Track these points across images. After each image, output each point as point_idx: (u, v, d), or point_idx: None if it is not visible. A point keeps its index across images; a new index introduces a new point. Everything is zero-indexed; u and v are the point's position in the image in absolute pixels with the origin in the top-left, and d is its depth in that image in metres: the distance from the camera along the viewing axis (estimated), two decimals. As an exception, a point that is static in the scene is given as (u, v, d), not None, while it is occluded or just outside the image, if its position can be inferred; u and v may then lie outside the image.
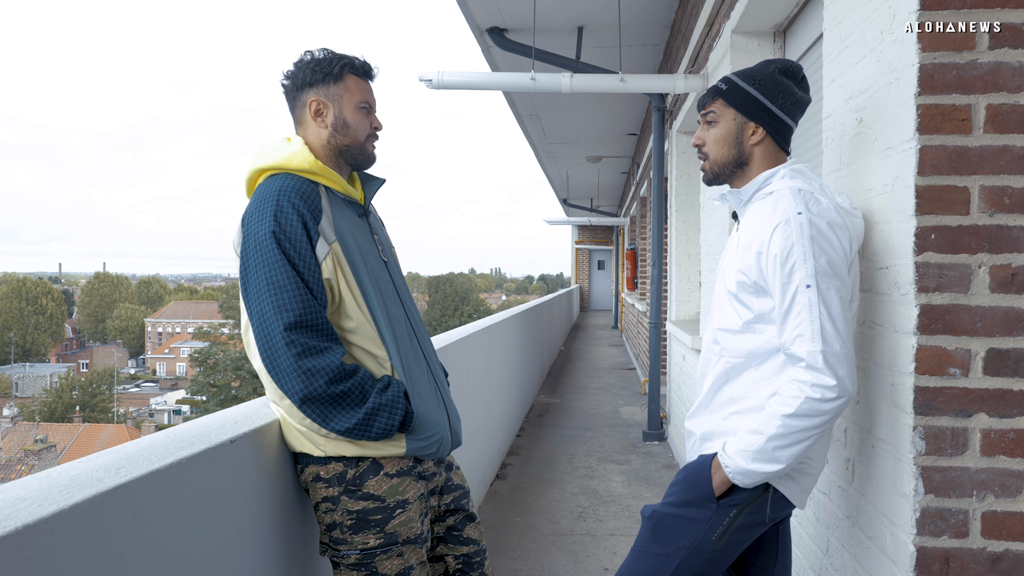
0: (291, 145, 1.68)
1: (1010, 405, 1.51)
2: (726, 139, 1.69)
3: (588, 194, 18.35)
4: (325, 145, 1.71)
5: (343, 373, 1.54)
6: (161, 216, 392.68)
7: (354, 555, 1.61)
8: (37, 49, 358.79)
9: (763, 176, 1.65)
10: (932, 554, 1.53)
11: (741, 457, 1.52)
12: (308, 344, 1.52)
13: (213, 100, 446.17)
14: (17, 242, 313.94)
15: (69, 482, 1.11)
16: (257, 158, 1.69)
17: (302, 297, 1.54)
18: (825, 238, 1.51)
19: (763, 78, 1.66)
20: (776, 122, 1.67)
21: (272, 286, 1.54)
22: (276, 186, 1.60)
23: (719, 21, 4.02)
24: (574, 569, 3.38)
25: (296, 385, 1.52)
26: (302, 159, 1.65)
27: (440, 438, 1.72)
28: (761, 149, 1.68)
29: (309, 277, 1.56)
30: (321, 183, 1.67)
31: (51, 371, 58.83)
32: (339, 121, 1.70)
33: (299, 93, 1.71)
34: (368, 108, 1.73)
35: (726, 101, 1.68)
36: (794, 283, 1.49)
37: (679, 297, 6.08)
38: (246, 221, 1.60)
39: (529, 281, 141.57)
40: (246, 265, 1.58)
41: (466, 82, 5.22)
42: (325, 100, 1.70)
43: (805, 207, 1.52)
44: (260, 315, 1.54)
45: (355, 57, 1.73)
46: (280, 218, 1.56)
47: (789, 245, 1.50)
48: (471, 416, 4.00)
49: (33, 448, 32.61)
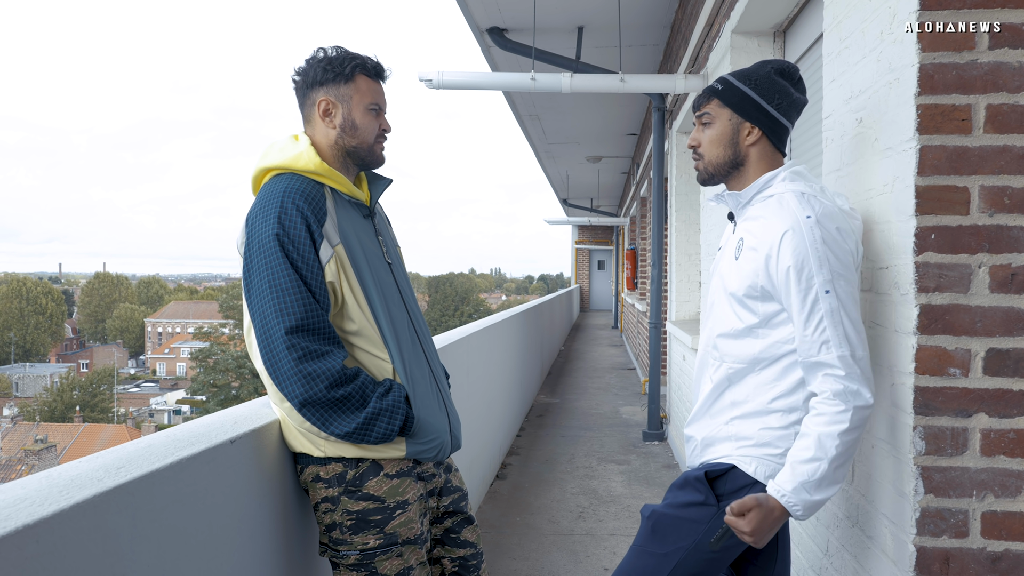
0: (297, 145, 1.67)
1: (1010, 405, 1.51)
2: (721, 139, 1.68)
3: (588, 194, 18.35)
4: (333, 145, 1.70)
5: (344, 377, 1.54)
6: (161, 216, 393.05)
7: (354, 555, 1.60)
8: (39, 51, 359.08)
9: (764, 179, 1.64)
10: (932, 554, 1.53)
11: (805, 490, 1.45)
12: (309, 348, 1.52)
13: (213, 102, 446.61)
14: (18, 242, 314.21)
15: (69, 482, 1.11)
16: (263, 157, 1.69)
17: (304, 300, 1.53)
18: (835, 241, 1.50)
19: (759, 78, 1.65)
20: (772, 123, 1.65)
21: (274, 289, 1.53)
22: (281, 187, 1.59)
23: (719, 21, 4.02)
24: (574, 569, 3.38)
25: (296, 389, 1.52)
26: (307, 160, 1.64)
27: (440, 442, 1.71)
28: (757, 150, 1.67)
29: (312, 280, 1.55)
30: (326, 184, 1.66)
31: (51, 371, 58.84)
32: (347, 122, 1.69)
33: (309, 91, 1.70)
34: (378, 110, 1.72)
35: (722, 101, 1.67)
36: (813, 290, 1.48)
37: (679, 297, 6.08)
38: (250, 222, 1.60)
39: (529, 281, 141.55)
40: (249, 267, 1.58)
41: (466, 82, 5.22)
42: (335, 100, 1.68)
43: (812, 210, 1.51)
44: (262, 317, 1.54)
45: (368, 57, 1.71)
46: (284, 220, 1.55)
47: (803, 252, 1.48)
48: (471, 416, 4.00)
49: (33, 448, 32.62)
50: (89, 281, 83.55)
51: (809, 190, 1.58)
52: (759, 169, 1.68)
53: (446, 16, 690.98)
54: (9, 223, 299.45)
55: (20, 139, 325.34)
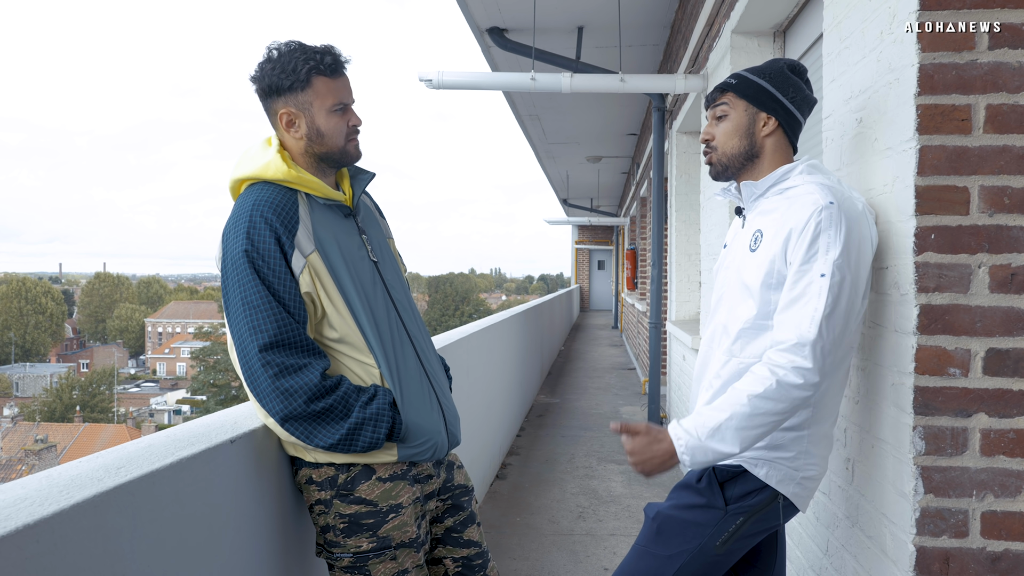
0: (267, 153, 1.62)
1: (1010, 405, 1.51)
2: (737, 131, 1.68)
3: (588, 194, 18.35)
4: (303, 153, 1.65)
5: (323, 390, 1.51)
6: (162, 216, 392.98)
7: (347, 558, 1.59)
8: (41, 54, 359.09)
9: (781, 171, 1.64)
10: (932, 554, 1.53)
11: (697, 431, 1.48)
12: (285, 363, 1.50)
13: (212, 104, 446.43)
14: (19, 242, 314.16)
15: (69, 482, 1.11)
16: (236, 167, 1.65)
17: (276, 316, 1.51)
18: (851, 229, 1.50)
19: (773, 72, 1.66)
20: (787, 114, 1.66)
21: (247, 306, 1.51)
22: (251, 200, 1.56)
23: (719, 21, 4.02)
24: (574, 569, 3.38)
25: (276, 405, 1.50)
26: (276, 169, 1.59)
27: (434, 443, 1.68)
28: (772, 141, 1.67)
29: (285, 294, 1.52)
30: (300, 190, 1.62)
31: (51, 371, 58.83)
32: (313, 130, 1.62)
33: (268, 101, 1.63)
34: (343, 108, 1.64)
35: (737, 94, 1.67)
36: (813, 266, 1.48)
37: (679, 297, 6.08)
38: (224, 238, 1.58)
39: (529, 281, 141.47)
40: (225, 284, 1.56)
41: (466, 82, 5.22)
42: (296, 110, 1.61)
43: (835, 198, 1.52)
44: (238, 336, 1.53)
45: (323, 53, 1.61)
46: (253, 235, 1.52)
47: (817, 232, 1.49)
48: (471, 416, 4.00)
49: (33, 448, 32.62)
50: (89, 281, 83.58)
51: (828, 181, 1.58)
52: (774, 162, 1.67)
53: (446, 16, 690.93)
54: (10, 223, 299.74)
55: (22, 140, 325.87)
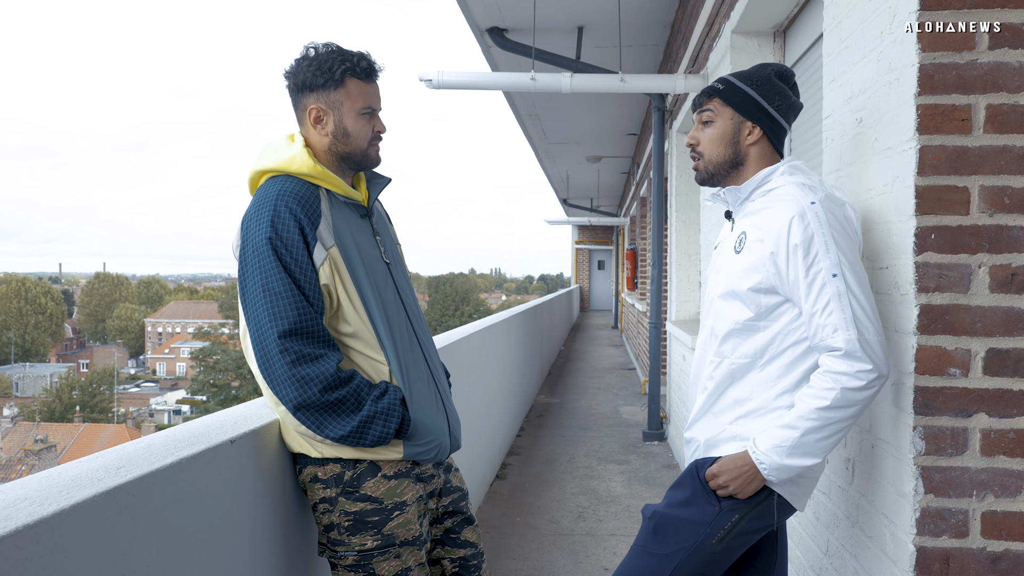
0: (292, 147, 1.66)
1: (1010, 405, 1.51)
2: (722, 138, 1.69)
3: (588, 194, 18.35)
4: (327, 151, 1.69)
5: (338, 381, 1.53)
6: (162, 217, 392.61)
7: (351, 556, 1.60)
8: (41, 54, 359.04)
9: (763, 173, 1.65)
10: (932, 554, 1.53)
11: (776, 453, 1.50)
12: (303, 352, 1.52)
13: (212, 104, 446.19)
14: (19, 242, 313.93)
15: (69, 482, 1.11)
16: (259, 159, 1.68)
17: (297, 304, 1.53)
18: (841, 225, 1.52)
19: (760, 80, 1.67)
20: (772, 123, 1.67)
21: (268, 293, 1.53)
22: (275, 190, 1.59)
23: (719, 21, 4.02)
24: (574, 569, 3.38)
25: (290, 393, 1.52)
26: (301, 163, 1.63)
27: (438, 444, 1.71)
28: (757, 149, 1.68)
29: (305, 284, 1.55)
30: (321, 186, 1.65)
31: (51, 371, 58.81)
32: (339, 129, 1.66)
33: (299, 96, 1.68)
34: (371, 112, 1.69)
35: (723, 100, 1.68)
36: (820, 274, 1.49)
37: (679, 297, 6.08)
38: (245, 225, 1.60)
39: (529, 281, 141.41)
40: (243, 270, 1.58)
41: (466, 82, 5.21)
42: (325, 107, 1.65)
43: (816, 196, 1.53)
44: (256, 322, 1.54)
45: (359, 57, 1.67)
46: (277, 224, 1.55)
47: (809, 236, 1.50)
48: (471, 416, 4.00)
49: (33, 448, 32.61)
50: (89, 281, 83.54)
51: (809, 181, 1.60)
52: (757, 169, 1.69)
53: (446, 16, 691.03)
54: (10, 223, 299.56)
55: (23, 140, 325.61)
